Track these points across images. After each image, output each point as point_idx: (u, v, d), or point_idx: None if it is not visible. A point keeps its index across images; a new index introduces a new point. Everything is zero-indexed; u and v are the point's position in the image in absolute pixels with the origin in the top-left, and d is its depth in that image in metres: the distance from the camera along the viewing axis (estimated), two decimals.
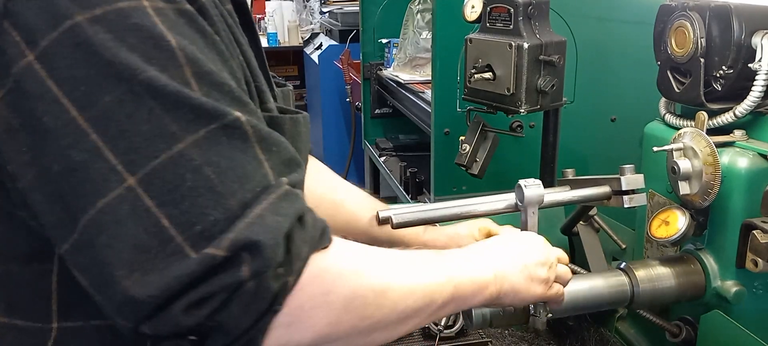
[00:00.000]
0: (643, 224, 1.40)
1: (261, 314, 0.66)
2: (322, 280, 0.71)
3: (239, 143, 0.67)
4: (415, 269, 0.85)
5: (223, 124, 0.66)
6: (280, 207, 0.67)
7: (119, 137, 0.62)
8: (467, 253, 0.97)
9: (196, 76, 0.65)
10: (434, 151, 2.25)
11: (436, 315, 0.88)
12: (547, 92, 1.58)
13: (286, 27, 6.25)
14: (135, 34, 0.63)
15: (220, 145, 0.65)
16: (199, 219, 0.63)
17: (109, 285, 0.63)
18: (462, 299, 0.90)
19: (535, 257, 1.03)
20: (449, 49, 2.03)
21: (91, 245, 0.63)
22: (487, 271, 0.94)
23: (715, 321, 1.19)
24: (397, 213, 1.26)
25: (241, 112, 0.67)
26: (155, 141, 0.63)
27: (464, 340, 1.53)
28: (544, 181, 1.76)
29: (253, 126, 0.68)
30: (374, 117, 3.54)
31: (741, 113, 1.20)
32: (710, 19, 1.20)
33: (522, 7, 1.55)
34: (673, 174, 1.22)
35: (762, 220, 1.11)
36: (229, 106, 0.67)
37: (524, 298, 1.02)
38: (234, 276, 0.63)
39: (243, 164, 0.67)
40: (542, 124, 1.74)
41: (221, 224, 0.63)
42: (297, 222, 0.69)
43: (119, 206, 0.62)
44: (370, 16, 3.43)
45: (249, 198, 0.66)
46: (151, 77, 0.63)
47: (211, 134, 0.65)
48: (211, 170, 0.64)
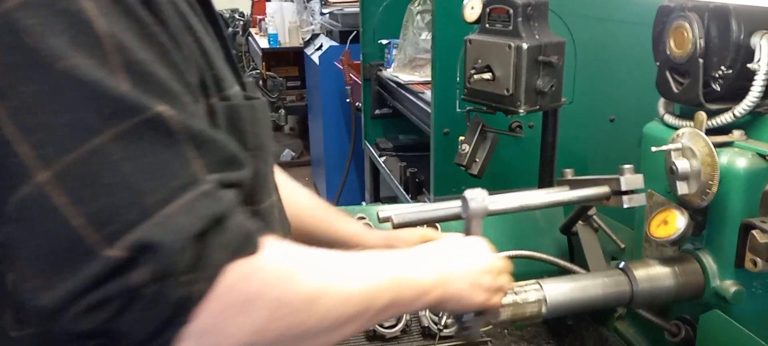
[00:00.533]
0: (642, 224, 1.40)
1: (163, 323, 0.61)
2: (243, 288, 0.66)
3: (164, 139, 0.63)
4: (352, 272, 0.81)
5: (146, 118, 0.62)
6: (195, 207, 0.63)
7: (35, 129, 0.59)
8: (411, 255, 0.94)
9: (124, 66, 0.61)
10: (434, 151, 2.25)
11: (375, 319, 0.84)
12: (546, 93, 1.58)
13: (286, 28, 6.25)
14: (62, 20, 0.60)
15: (142, 141, 0.61)
16: (113, 218, 0.59)
17: (20, 286, 0.61)
18: (403, 303, 0.87)
19: (481, 264, 1.01)
20: (449, 49, 2.03)
21: (2, 245, 0.61)
22: (430, 274, 0.91)
23: (714, 321, 1.19)
24: (398, 213, 1.27)
25: (169, 106, 0.63)
26: (72, 134, 0.59)
27: (464, 340, 1.53)
28: (544, 181, 1.78)
29: (181, 122, 0.64)
30: (374, 117, 3.55)
31: (740, 113, 1.20)
32: (709, 19, 1.21)
33: (521, 7, 1.55)
34: (671, 174, 1.22)
35: (761, 220, 1.11)
36: (157, 99, 0.63)
37: (467, 305, 0.98)
38: (130, 280, 0.59)
39: (166, 161, 0.63)
40: (541, 124, 1.74)
41: (132, 223, 0.59)
42: (215, 224, 0.64)
43: (30, 203, 0.59)
44: (370, 17, 3.43)
45: (167, 197, 0.61)
46: (74, 65, 0.59)
47: (133, 128, 0.61)
48: (131, 167, 0.60)
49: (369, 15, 3.43)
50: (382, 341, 1.51)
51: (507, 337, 1.58)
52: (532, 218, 1.73)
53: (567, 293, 1.20)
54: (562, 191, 1.37)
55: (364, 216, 1.63)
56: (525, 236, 1.69)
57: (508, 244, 1.67)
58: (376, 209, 1.32)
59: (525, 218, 1.71)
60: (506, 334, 1.59)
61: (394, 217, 1.26)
